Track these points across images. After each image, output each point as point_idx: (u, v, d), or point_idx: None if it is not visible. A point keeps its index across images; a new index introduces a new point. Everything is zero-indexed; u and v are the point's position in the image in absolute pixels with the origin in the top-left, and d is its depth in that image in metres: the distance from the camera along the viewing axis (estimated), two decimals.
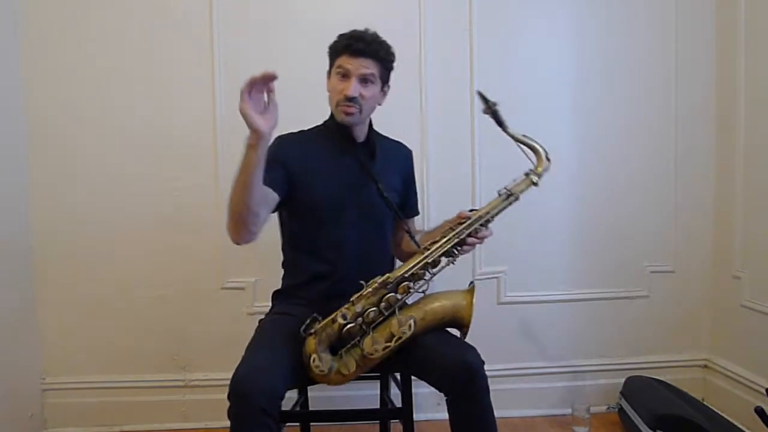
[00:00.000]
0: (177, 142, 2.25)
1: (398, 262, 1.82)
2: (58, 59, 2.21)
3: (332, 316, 1.51)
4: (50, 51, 2.21)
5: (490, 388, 1.50)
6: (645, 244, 2.39)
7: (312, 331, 1.51)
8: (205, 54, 2.22)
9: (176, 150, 2.25)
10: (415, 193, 1.88)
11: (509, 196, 1.60)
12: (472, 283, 1.62)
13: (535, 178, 1.60)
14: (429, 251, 1.55)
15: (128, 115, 2.23)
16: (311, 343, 1.50)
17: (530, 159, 1.60)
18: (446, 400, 1.48)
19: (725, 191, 2.31)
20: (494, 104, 1.57)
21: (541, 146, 1.59)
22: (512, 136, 1.59)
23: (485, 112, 1.58)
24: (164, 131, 2.24)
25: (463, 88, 2.24)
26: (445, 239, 1.56)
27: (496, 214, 1.61)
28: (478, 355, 1.48)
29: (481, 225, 1.59)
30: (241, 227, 1.46)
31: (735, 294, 2.24)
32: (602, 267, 2.38)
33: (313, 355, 1.49)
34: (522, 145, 1.59)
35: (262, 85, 1.31)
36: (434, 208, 2.27)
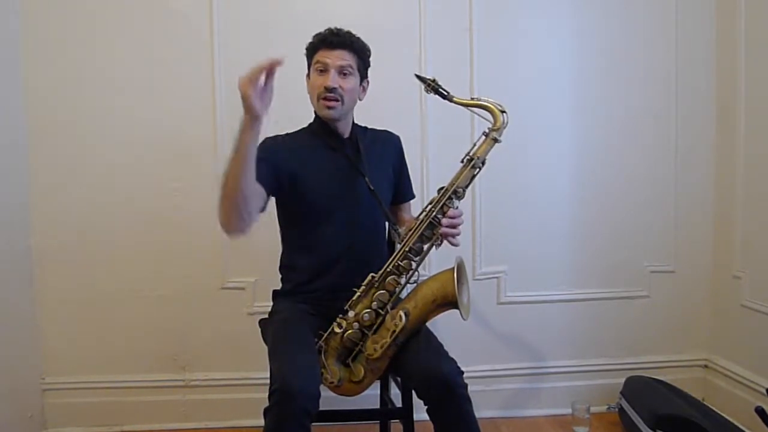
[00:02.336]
0: (177, 142, 2.24)
1: None
2: (59, 59, 2.21)
3: (331, 328, 1.52)
4: (51, 51, 2.21)
5: (491, 388, 1.50)
6: (645, 244, 2.38)
7: (317, 346, 1.52)
8: (205, 54, 2.22)
9: (176, 150, 2.25)
10: (409, 178, 1.89)
11: (470, 161, 1.57)
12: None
13: (495, 135, 1.57)
14: (406, 239, 1.56)
15: (128, 115, 2.23)
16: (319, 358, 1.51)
17: (486, 119, 1.58)
18: (426, 409, 1.46)
19: (725, 191, 2.31)
20: (432, 80, 1.59)
21: (491, 102, 1.58)
22: (460, 103, 1.59)
23: (427, 91, 1.60)
24: (164, 131, 2.24)
25: (463, 87, 2.24)
26: (418, 223, 1.57)
27: (466, 185, 1.58)
28: (455, 365, 1.46)
29: (450, 198, 1.55)
30: (233, 214, 1.47)
31: (735, 294, 2.24)
32: (602, 267, 2.38)
33: (322, 369, 1.50)
34: (473, 108, 1.58)
35: (266, 70, 1.36)
36: None
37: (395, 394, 1.83)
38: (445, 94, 1.59)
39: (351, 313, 1.53)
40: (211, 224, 2.24)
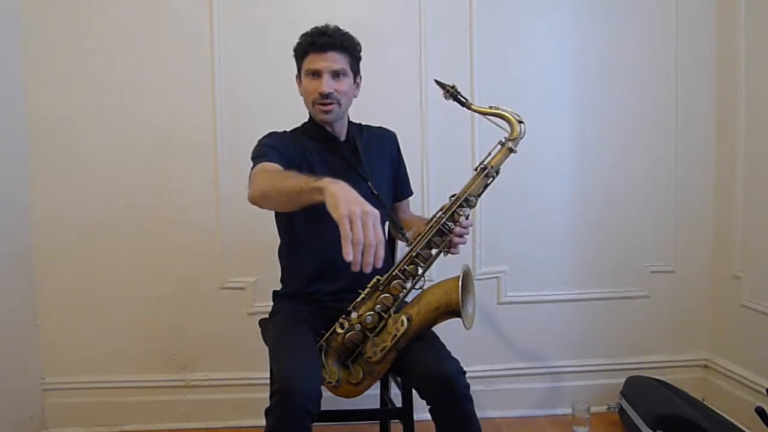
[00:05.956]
0: (177, 142, 2.24)
1: (398, 256, 1.83)
2: (58, 59, 2.21)
3: (333, 328, 1.52)
4: (50, 51, 2.21)
5: (491, 388, 1.50)
6: (645, 244, 2.38)
7: (318, 346, 1.52)
8: (205, 54, 2.22)
9: (176, 150, 2.25)
10: (406, 174, 1.88)
11: (484, 170, 1.55)
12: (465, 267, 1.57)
13: (511, 145, 1.56)
14: (413, 244, 1.55)
15: (128, 115, 2.23)
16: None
17: (503, 128, 1.57)
18: (428, 409, 1.46)
19: (725, 191, 2.31)
20: (452, 86, 1.58)
21: (509, 112, 1.57)
22: (478, 111, 1.58)
23: (446, 97, 1.59)
24: (164, 131, 2.24)
25: (463, 88, 2.23)
26: (427, 228, 1.55)
27: (479, 193, 1.56)
28: (458, 365, 1.46)
29: (461, 206, 1.54)
30: (264, 203, 1.48)
31: (735, 294, 2.24)
32: (602, 267, 2.38)
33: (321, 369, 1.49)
34: (491, 117, 1.57)
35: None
36: (435, 208, 2.27)
37: (395, 394, 1.83)
38: (464, 101, 1.58)
39: (354, 315, 1.52)
40: (211, 224, 2.26)
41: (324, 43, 1.60)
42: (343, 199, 1.22)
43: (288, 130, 1.76)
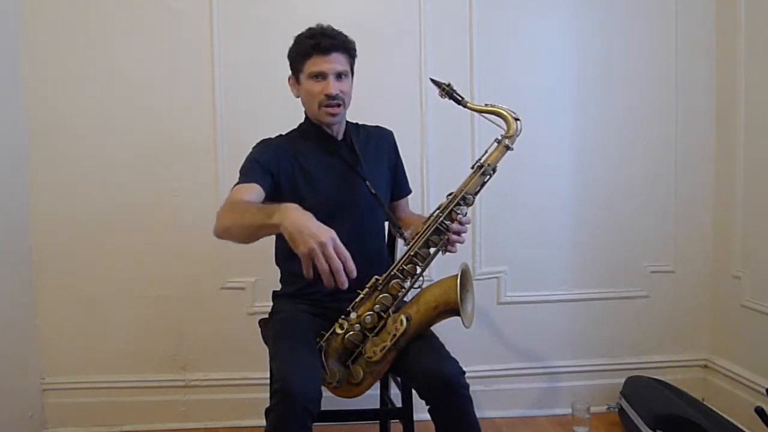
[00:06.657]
0: (177, 142, 2.24)
1: (398, 255, 1.82)
2: (59, 59, 2.21)
3: (333, 328, 1.52)
4: (50, 51, 2.21)
5: (491, 388, 1.49)
6: (645, 244, 2.38)
7: (318, 346, 1.51)
8: (205, 54, 2.22)
9: (176, 150, 2.25)
10: (404, 173, 1.88)
11: (480, 168, 1.55)
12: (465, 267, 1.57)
13: (507, 142, 1.55)
14: (411, 243, 1.55)
15: (128, 116, 2.23)
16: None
17: (500, 126, 1.57)
18: (428, 409, 1.46)
19: (725, 191, 2.31)
20: (447, 85, 1.58)
21: (505, 109, 1.56)
22: (474, 109, 1.58)
23: (441, 95, 1.59)
24: (164, 131, 2.24)
25: (463, 88, 2.23)
26: (425, 227, 1.55)
27: (476, 191, 1.56)
28: (457, 365, 1.46)
29: (458, 204, 1.54)
30: (228, 239, 1.53)
31: (735, 294, 2.24)
32: (602, 267, 2.38)
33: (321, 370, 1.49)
34: (487, 115, 1.57)
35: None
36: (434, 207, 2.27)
37: (395, 394, 1.83)
38: (460, 99, 1.58)
39: (353, 315, 1.52)
40: (211, 224, 2.24)
41: (328, 44, 1.60)
42: (298, 237, 1.28)
43: (283, 133, 1.76)
